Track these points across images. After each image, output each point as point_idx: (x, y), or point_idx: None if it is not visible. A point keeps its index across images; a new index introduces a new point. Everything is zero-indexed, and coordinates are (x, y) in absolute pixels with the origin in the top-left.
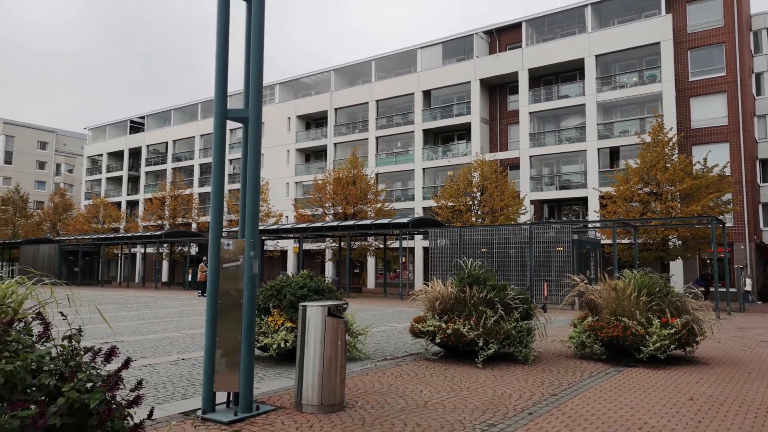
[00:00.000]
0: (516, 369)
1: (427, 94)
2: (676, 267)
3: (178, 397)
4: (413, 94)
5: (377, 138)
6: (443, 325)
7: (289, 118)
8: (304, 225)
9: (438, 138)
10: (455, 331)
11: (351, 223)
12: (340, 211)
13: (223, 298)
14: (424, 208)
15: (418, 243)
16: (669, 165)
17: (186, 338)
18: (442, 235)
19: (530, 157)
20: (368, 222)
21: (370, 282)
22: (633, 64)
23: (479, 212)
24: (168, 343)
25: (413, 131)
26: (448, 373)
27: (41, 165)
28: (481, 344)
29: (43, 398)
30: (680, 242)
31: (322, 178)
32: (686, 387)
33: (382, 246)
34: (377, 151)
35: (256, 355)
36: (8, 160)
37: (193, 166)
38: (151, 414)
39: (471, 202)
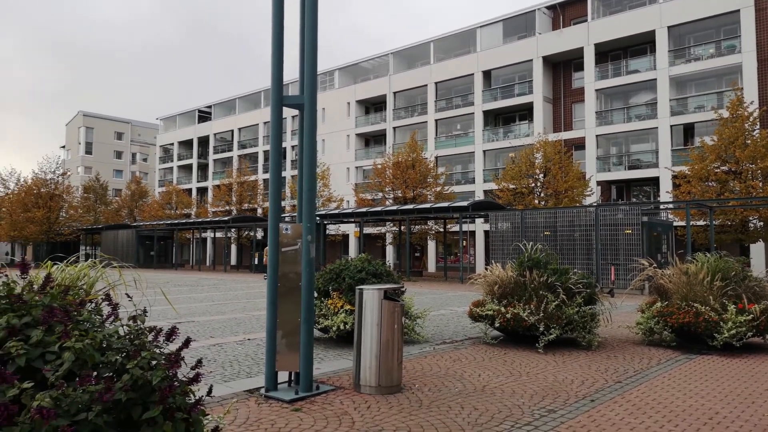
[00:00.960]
0: (579, 355)
1: (487, 74)
2: (758, 250)
3: (243, 375)
4: (473, 74)
5: (436, 121)
6: (502, 309)
7: (348, 104)
8: (364, 209)
9: (499, 119)
10: (515, 316)
11: (410, 207)
12: (400, 195)
13: (282, 281)
14: (485, 191)
15: (479, 226)
16: (749, 141)
17: (252, 319)
18: (503, 219)
19: (596, 136)
20: (428, 206)
21: (431, 266)
22: (709, 34)
23: (542, 194)
24: (235, 323)
25: (473, 113)
26: (508, 357)
27: (118, 154)
28: (541, 329)
29: (110, 374)
30: (762, 224)
31: (382, 163)
32: (764, 376)
33: (442, 230)
34: (436, 134)
35: (317, 337)
36: (89, 151)
37: (257, 153)
38: (209, 391)
39: (533, 184)
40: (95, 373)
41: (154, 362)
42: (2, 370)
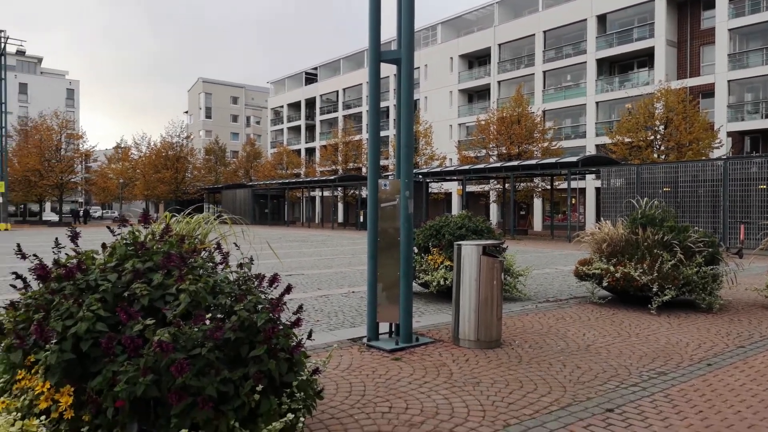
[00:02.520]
0: (697, 317)
1: (601, 18)
2: None
3: (347, 325)
4: (585, 20)
5: (544, 72)
6: (611, 268)
7: (451, 59)
8: (466, 167)
9: (614, 67)
10: (625, 275)
11: (515, 163)
12: (504, 151)
13: (381, 235)
14: (597, 146)
15: (590, 183)
16: None
17: (357, 273)
18: (617, 174)
19: (728, 81)
20: (533, 162)
21: (537, 224)
22: None
23: (662, 148)
24: (341, 277)
25: (585, 62)
26: (616, 318)
27: (234, 118)
28: (655, 289)
29: (220, 315)
30: None
31: (485, 119)
32: None
33: (549, 187)
34: (544, 87)
35: (417, 291)
36: (208, 115)
37: (361, 113)
38: (310, 335)
39: (652, 137)
40: (209, 315)
41: (259, 306)
42: (129, 308)
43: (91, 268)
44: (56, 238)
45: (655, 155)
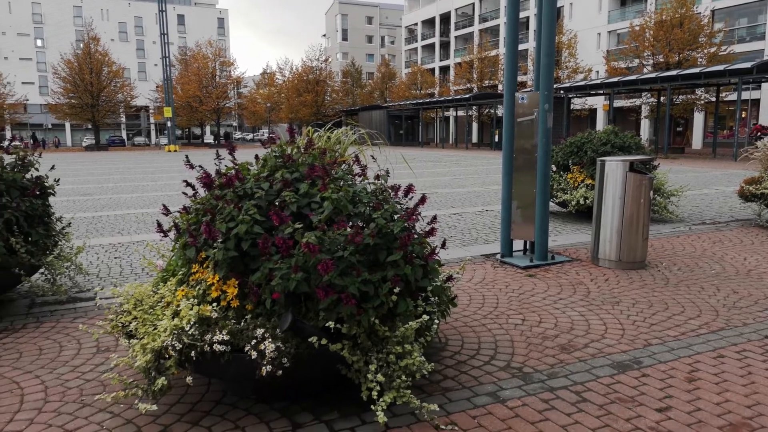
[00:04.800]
0: None
1: None
2: None
3: (480, 242)
4: None
5: None
6: None
7: None
8: (615, 79)
9: None
10: None
11: (674, 73)
12: (661, 60)
13: (517, 152)
14: None
15: (766, 93)
16: None
17: (490, 192)
18: None
19: None
20: (696, 71)
21: (696, 142)
22: None
23: None
24: (474, 196)
25: None
26: None
27: (369, 39)
28: None
29: (359, 222)
30: None
31: (640, 24)
32: None
33: (713, 99)
34: None
35: (554, 211)
36: (345, 37)
37: (498, 25)
38: (443, 244)
39: None
40: (350, 223)
41: (395, 215)
42: (282, 213)
43: (247, 177)
44: (217, 151)
45: None
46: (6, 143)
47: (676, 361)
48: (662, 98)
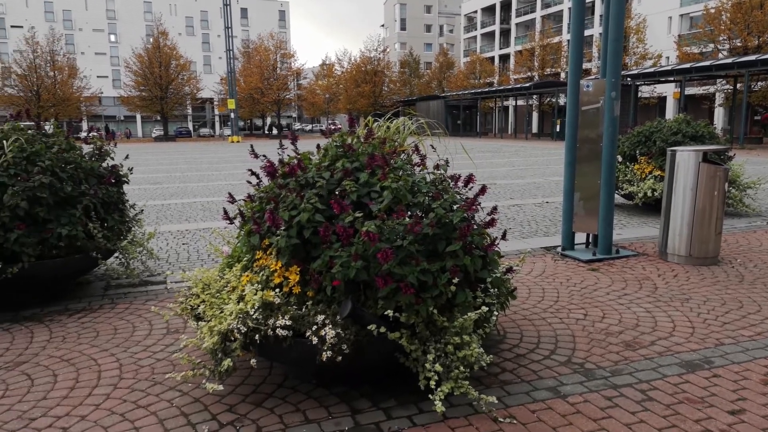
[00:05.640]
0: None
1: None
2: None
3: (540, 234)
4: None
5: None
6: None
7: None
8: (687, 65)
9: None
10: None
11: (753, 58)
12: (739, 44)
13: (581, 142)
14: None
15: None
16: None
17: (551, 184)
18: None
19: None
20: None
21: None
22: None
23: None
24: (534, 187)
25: None
26: None
27: (427, 28)
28: None
29: (418, 212)
30: None
31: (716, 6)
32: None
33: None
34: None
35: (619, 203)
36: (403, 27)
37: (562, 11)
38: (504, 235)
39: None
40: (408, 212)
41: (455, 205)
42: (343, 202)
43: (309, 167)
44: (280, 141)
45: None
46: (84, 134)
47: (751, 362)
48: (739, 85)
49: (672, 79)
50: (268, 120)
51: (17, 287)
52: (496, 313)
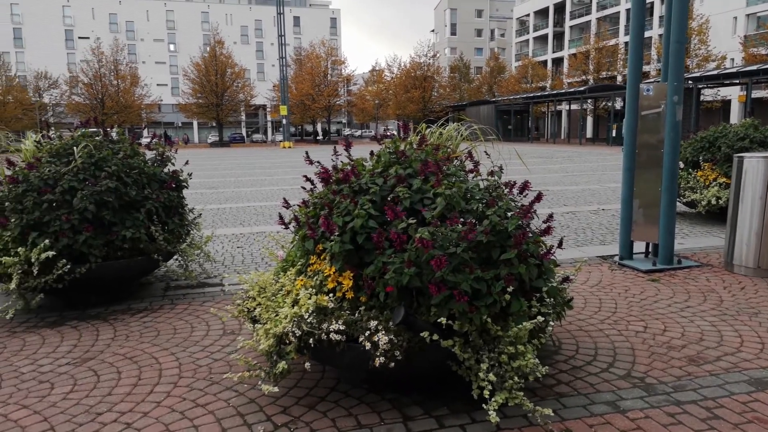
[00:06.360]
0: None
1: None
2: None
3: (596, 242)
4: None
5: None
6: None
7: None
8: (754, 67)
9: None
10: None
11: None
12: None
13: (641, 147)
14: None
15: None
16: None
17: (607, 191)
18: None
19: None
20: None
21: None
22: None
23: None
24: (589, 194)
25: None
26: None
27: (478, 32)
28: None
29: (472, 219)
30: None
31: None
32: None
33: None
34: None
35: (681, 211)
36: (453, 32)
37: (618, 12)
38: (560, 243)
39: None
40: (461, 219)
41: (509, 212)
42: (396, 208)
43: (362, 173)
44: (334, 147)
45: None
46: (145, 140)
47: None
48: None
49: (737, 81)
50: (319, 126)
51: (84, 287)
52: (552, 323)
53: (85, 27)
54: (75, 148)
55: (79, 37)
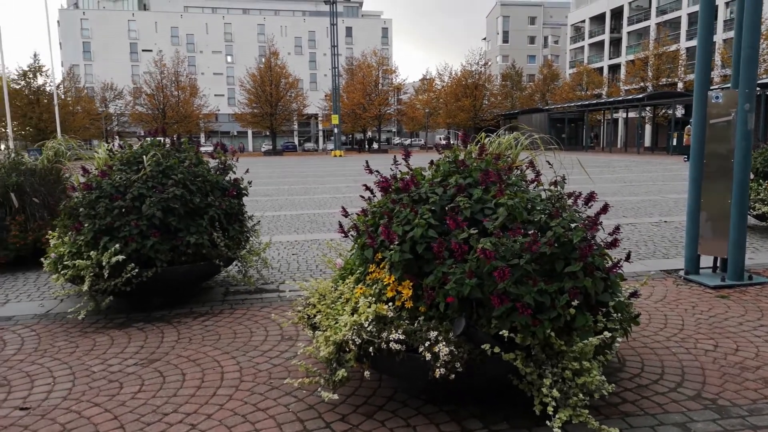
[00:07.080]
0: None
1: None
2: None
3: (659, 255)
4: None
5: None
6: None
7: None
8: None
9: None
10: None
11: None
12: None
13: (708, 158)
14: None
15: None
16: None
17: (669, 202)
18: None
19: None
20: None
21: None
22: None
23: None
24: (650, 205)
25: None
26: None
27: (531, 40)
28: None
29: (535, 230)
30: None
31: None
32: None
33: None
34: None
35: (751, 224)
36: (505, 39)
37: (680, 17)
38: (628, 257)
39: None
40: (523, 230)
41: (574, 225)
42: (458, 218)
43: (422, 182)
44: (394, 156)
45: None
46: (206, 148)
47: None
48: None
49: None
50: (369, 134)
51: (149, 290)
52: (618, 339)
53: (149, 40)
54: (144, 156)
55: (143, 50)
